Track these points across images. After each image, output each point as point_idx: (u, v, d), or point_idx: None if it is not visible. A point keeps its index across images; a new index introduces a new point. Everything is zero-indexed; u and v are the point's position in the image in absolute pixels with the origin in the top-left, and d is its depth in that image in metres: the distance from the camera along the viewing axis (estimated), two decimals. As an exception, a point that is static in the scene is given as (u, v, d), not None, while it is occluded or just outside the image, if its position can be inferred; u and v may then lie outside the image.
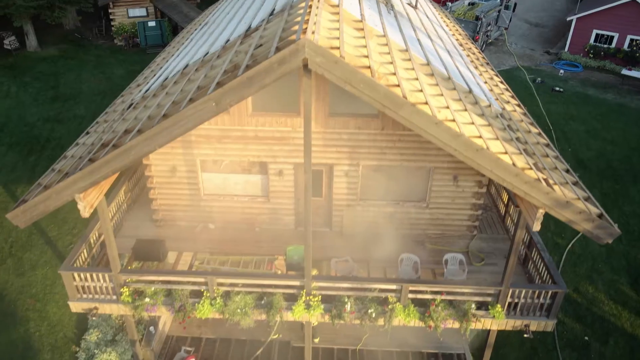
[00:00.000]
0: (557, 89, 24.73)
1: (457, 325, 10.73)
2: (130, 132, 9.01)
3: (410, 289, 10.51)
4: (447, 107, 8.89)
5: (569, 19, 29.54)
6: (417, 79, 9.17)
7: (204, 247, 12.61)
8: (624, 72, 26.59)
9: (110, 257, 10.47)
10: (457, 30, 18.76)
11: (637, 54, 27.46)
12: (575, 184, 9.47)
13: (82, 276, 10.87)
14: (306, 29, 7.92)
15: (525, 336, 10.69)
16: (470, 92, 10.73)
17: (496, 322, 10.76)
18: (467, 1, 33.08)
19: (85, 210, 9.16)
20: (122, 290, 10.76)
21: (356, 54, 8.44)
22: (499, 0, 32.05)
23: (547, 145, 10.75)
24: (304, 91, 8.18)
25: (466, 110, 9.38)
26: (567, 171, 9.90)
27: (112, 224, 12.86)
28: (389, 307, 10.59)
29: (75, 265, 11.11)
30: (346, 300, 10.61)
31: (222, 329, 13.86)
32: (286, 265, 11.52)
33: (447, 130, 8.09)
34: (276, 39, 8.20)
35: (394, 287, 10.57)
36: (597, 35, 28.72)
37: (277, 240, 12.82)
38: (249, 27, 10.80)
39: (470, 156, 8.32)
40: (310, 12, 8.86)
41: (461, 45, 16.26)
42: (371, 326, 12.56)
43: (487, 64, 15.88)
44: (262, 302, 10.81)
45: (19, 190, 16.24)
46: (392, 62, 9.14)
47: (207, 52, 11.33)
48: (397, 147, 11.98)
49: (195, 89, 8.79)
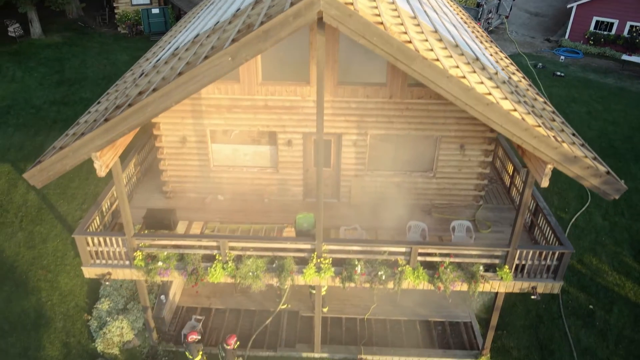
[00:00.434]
0: (558, 73, 24.94)
1: (465, 287, 10.90)
2: (144, 93, 9.15)
3: (419, 251, 10.67)
4: (457, 67, 9.05)
5: (569, 6, 29.74)
6: (427, 41, 9.33)
7: (214, 217, 12.75)
8: (624, 57, 26.83)
9: (124, 221, 10.62)
10: (460, 11, 18.93)
11: (637, 40, 27.68)
12: (582, 145, 9.67)
13: (96, 241, 11.01)
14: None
15: (532, 297, 10.86)
16: (477, 59, 10.88)
17: (504, 284, 10.93)
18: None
19: (101, 169, 9.31)
20: (135, 254, 10.91)
21: (369, 12, 8.60)
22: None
23: (553, 112, 10.92)
24: (318, 48, 8.31)
25: (475, 72, 9.55)
26: (574, 135, 10.10)
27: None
28: (399, 269, 10.76)
29: (88, 231, 11.25)
30: (356, 262, 10.77)
31: (232, 300, 14.07)
32: (296, 233, 11.66)
33: (458, 83, 8.26)
34: (290, -5, 8.34)
35: (403, 249, 10.73)
36: (597, 22, 28.92)
37: (286, 210, 12.97)
38: (260, -5, 10.94)
39: (480, 110, 8.48)
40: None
41: (465, 22, 16.43)
42: (380, 291, 12.76)
43: (491, 41, 16.05)
44: (274, 265, 10.97)
45: (27, 167, 16.36)
46: (402, 24, 9.29)
47: (218, 22, 11.44)
48: (404, 116, 12.15)
49: (209, 49, 8.94)
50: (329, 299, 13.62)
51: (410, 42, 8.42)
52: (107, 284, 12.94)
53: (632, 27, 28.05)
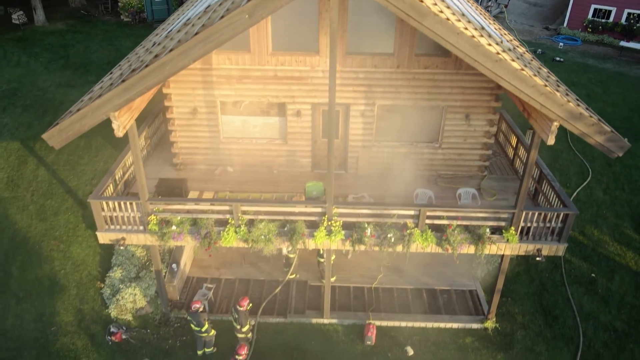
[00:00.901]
0: (558, 59, 25.25)
1: (472, 250, 11.18)
2: (160, 55, 9.36)
3: (427, 214, 10.94)
4: (467, 29, 9.30)
5: (567, -5, 30.09)
6: (436, 5, 9.59)
7: (224, 188, 12.98)
8: (622, 43, 27.18)
9: (139, 185, 10.85)
10: (462, -7, 19.20)
11: (635, 27, 28.04)
12: (586, 109, 9.95)
13: (111, 206, 11.22)
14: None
15: (537, 259, 11.13)
16: (483, 28, 11.15)
17: (509, 246, 11.20)
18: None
19: (119, 129, 9.52)
20: (149, 219, 11.13)
21: (380, -28, 8.84)
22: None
23: (557, 81, 11.19)
24: (332, 7, 8.55)
25: (483, 37, 9.81)
26: (577, 100, 10.38)
27: (132, 169, 13.24)
28: (407, 232, 11.03)
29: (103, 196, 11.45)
30: (366, 226, 11.02)
31: (241, 270, 14.31)
32: (306, 200, 11.91)
33: (468, 40, 8.53)
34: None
35: (412, 212, 11.00)
36: (595, 10, 29.26)
37: (295, 181, 13.22)
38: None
39: (489, 67, 8.75)
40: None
41: (468, 2, 16.71)
42: (387, 259, 12.97)
43: (495, 21, 16.33)
44: (285, 229, 11.22)
45: (37, 145, 16.55)
46: (411, -12, 9.54)
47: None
48: (411, 86, 12.41)
49: (224, 11, 9.16)
50: (337, 270, 13.87)
51: (422, 1, 8.67)
52: (122, 248, 13.15)
53: (629, 14, 28.39)
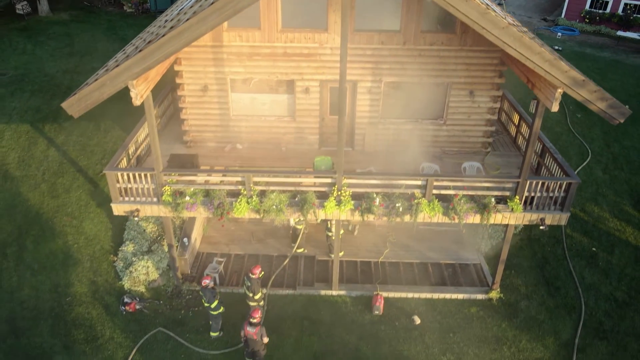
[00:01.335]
0: (556, 47, 25.65)
1: (478, 219, 11.49)
2: (176, 27, 9.63)
3: (435, 183, 11.25)
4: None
5: (565, -13, 30.51)
6: (443, -23, 9.91)
7: (234, 164, 13.26)
8: (619, 33, 27.65)
9: (154, 156, 11.12)
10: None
11: (631, 17, 28.50)
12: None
13: (126, 177, 11.49)
14: None
15: (541, 228, 11.47)
16: (487, 7, 11.47)
17: (514, 215, 11.53)
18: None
19: (136, 98, 9.80)
20: (163, 189, 11.40)
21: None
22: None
23: (560, 57, 11.52)
24: (344, -24, 8.85)
25: (489, 9, 10.14)
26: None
27: (144, 144, 13.53)
28: (415, 201, 11.34)
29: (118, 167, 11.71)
30: (375, 195, 11.33)
31: (250, 246, 14.59)
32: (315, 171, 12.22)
33: (476, 7, 8.86)
34: None
35: (419, 182, 11.31)
36: (592, 0, 29.70)
37: (303, 157, 13.50)
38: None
39: (496, 34, 9.08)
40: None
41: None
42: (394, 231, 13.22)
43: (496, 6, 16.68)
44: (296, 199, 11.51)
45: (46, 127, 16.79)
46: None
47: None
48: (417, 62, 12.72)
49: (239, -17, 9.44)
50: (344, 246, 14.17)
51: (430, -30, 9.00)
52: (136, 219, 13.40)
53: (626, 5, 28.84)
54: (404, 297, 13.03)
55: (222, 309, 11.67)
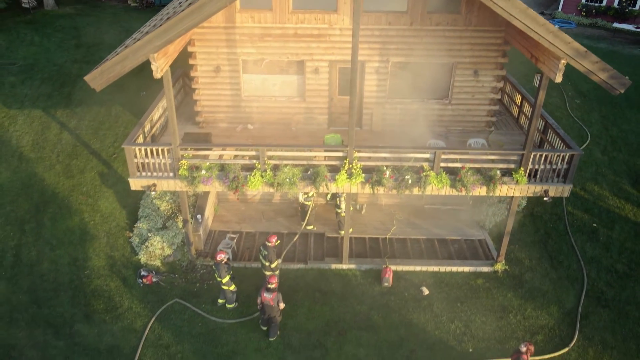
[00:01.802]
0: (554, 39, 26.26)
1: (484, 191, 11.92)
2: (194, 2, 10.03)
3: (442, 156, 11.68)
4: (479, -24, 10.10)
5: (561, -19, 31.10)
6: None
7: (246, 143, 13.62)
8: (615, 25, 28.28)
9: (171, 130, 11.51)
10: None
11: (627, 10, 29.12)
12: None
13: (143, 152, 11.85)
14: None
15: (544, 199, 11.90)
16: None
17: (519, 187, 11.95)
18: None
19: (157, 71, 10.18)
20: (180, 163, 11.77)
21: None
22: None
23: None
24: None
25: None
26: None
27: (158, 124, 13.90)
28: (424, 174, 11.75)
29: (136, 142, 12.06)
30: (385, 168, 11.74)
31: (260, 224, 14.96)
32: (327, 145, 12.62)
33: (484, -20, 9.29)
34: None
35: (427, 155, 11.73)
36: (589, -6, 30.39)
37: (312, 137, 13.90)
38: None
39: (502, 6, 9.53)
40: None
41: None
42: (401, 210, 13.54)
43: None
44: (308, 172, 11.91)
45: (58, 113, 17.14)
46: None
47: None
48: (423, 43, 13.15)
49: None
50: (352, 224, 14.48)
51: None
52: (153, 193, 13.75)
53: (621, -2, 29.54)
54: (412, 271, 13.42)
55: (233, 287, 11.89)
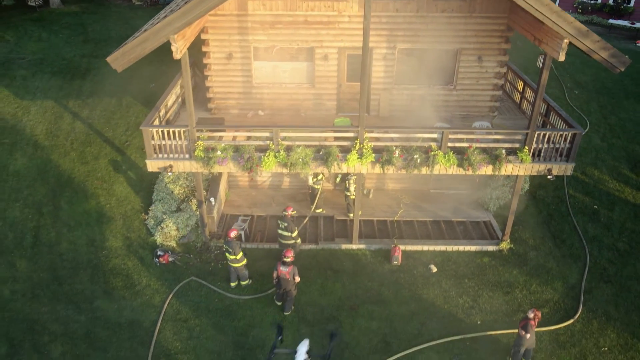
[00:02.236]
0: (551, 35, 26.88)
1: (490, 170, 12.35)
2: (213, -13, 10.44)
3: (450, 136, 12.11)
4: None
5: (558, -20, 31.79)
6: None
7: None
8: (611, 21, 28.94)
9: (188, 112, 11.89)
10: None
11: (622, 7, 29.81)
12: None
13: (160, 134, 12.23)
14: None
15: (548, 178, 12.34)
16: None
17: (523, 166, 12.40)
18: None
19: (177, 52, 10.59)
20: (196, 144, 12.15)
21: None
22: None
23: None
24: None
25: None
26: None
27: (171, 112, 14.28)
28: (432, 153, 12.18)
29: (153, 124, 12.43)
30: (394, 148, 12.16)
31: (271, 208, 15.34)
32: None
33: (491, -39, 9.75)
34: None
35: (435, 135, 12.17)
36: (584, -8, 31.08)
37: (321, 122, 14.30)
38: None
39: (509, -13, 9.98)
40: None
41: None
42: (408, 194, 13.96)
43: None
44: (320, 153, 12.31)
45: (70, 103, 17.49)
46: None
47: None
48: (429, 29, 13.60)
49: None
50: (362, 206, 14.92)
51: None
52: (169, 174, 14.10)
53: (617, -5, 30.23)
54: (420, 250, 13.82)
55: (245, 261, 12.37)
